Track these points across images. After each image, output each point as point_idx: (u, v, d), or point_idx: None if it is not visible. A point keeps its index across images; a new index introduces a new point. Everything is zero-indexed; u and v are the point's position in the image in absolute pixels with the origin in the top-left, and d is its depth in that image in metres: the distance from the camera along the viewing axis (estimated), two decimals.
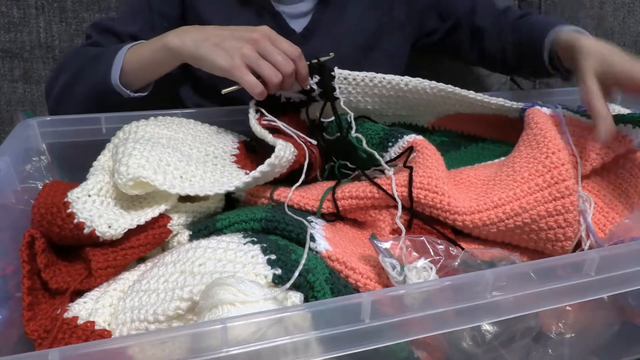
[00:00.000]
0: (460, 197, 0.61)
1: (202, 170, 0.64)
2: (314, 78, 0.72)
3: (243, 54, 0.66)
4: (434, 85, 0.73)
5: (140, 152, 0.60)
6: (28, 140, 0.72)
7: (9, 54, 1.03)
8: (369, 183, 0.63)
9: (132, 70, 0.76)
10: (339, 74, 0.73)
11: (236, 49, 0.67)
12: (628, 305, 0.56)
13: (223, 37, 0.69)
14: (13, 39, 1.03)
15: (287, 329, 0.40)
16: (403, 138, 0.69)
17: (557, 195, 0.58)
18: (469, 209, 0.60)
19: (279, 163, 0.62)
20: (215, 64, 0.67)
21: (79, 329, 0.49)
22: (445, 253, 0.53)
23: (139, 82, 0.78)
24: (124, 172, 0.58)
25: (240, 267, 0.51)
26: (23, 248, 0.54)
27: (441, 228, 0.61)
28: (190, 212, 0.63)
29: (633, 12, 1.21)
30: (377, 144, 0.71)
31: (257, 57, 0.67)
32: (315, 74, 0.72)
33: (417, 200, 0.61)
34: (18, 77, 1.05)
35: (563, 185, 0.58)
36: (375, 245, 0.53)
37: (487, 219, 0.59)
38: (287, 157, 0.63)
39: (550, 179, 0.58)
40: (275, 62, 0.67)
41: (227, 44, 0.68)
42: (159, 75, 0.78)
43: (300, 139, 0.69)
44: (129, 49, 0.77)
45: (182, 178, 0.61)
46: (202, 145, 0.70)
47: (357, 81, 0.74)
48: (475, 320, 0.46)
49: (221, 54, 0.67)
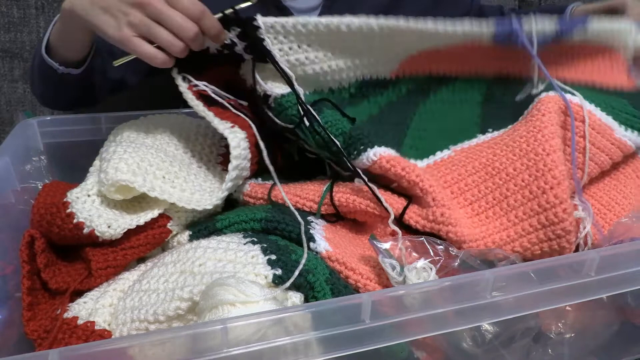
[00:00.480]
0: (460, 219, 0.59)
1: (186, 172, 0.63)
2: (233, 31, 0.61)
3: (130, 21, 0.58)
4: (382, 23, 0.62)
5: (119, 155, 0.59)
6: (28, 140, 0.72)
7: (9, 54, 1.03)
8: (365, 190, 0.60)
9: (54, 40, 0.71)
10: (263, 23, 0.60)
11: (123, 16, 0.58)
12: (628, 305, 0.56)
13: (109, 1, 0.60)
14: (13, 39, 1.03)
15: (288, 330, 0.40)
16: (367, 152, 0.60)
17: (551, 236, 0.56)
18: (467, 236, 0.58)
19: (243, 163, 0.60)
20: (107, 34, 0.60)
21: (79, 329, 0.49)
22: (445, 253, 0.53)
23: (63, 53, 0.72)
24: (103, 179, 0.57)
25: (240, 267, 0.51)
26: (23, 248, 0.54)
27: None
28: (190, 212, 0.63)
29: None
30: (340, 143, 0.61)
31: (147, 24, 0.58)
32: (235, 26, 0.60)
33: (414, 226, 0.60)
34: (18, 77, 1.05)
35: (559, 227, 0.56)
36: (375, 245, 0.53)
37: (483, 245, 0.58)
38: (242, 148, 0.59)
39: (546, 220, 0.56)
40: (171, 26, 0.58)
41: (114, 9, 0.59)
42: (77, 46, 0.72)
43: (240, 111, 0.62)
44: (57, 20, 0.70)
45: (165, 179, 0.60)
46: (188, 143, 0.69)
47: (287, 30, 0.61)
48: (475, 320, 0.46)
49: (110, 22, 0.59)
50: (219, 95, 0.64)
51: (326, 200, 0.63)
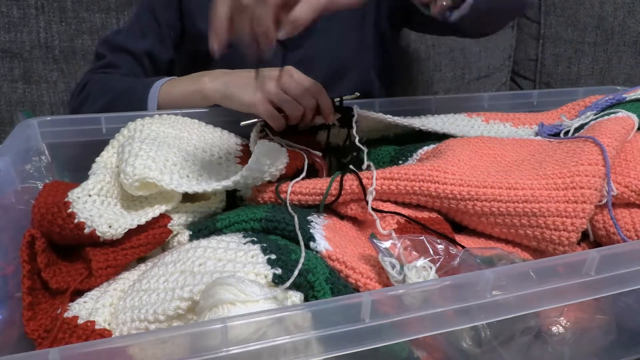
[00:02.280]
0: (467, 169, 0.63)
1: (208, 170, 0.65)
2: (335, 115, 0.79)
3: (265, 89, 0.72)
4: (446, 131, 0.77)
5: (146, 152, 0.60)
6: (28, 140, 0.72)
7: (9, 54, 1.03)
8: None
9: (164, 108, 0.80)
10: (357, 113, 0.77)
11: (260, 86, 0.73)
12: (628, 305, 0.56)
13: (250, 78, 0.74)
14: (13, 39, 1.03)
15: (287, 329, 0.40)
16: (417, 152, 0.73)
17: (571, 198, 0.58)
18: (481, 182, 0.60)
19: (258, 167, 0.63)
20: (241, 100, 0.73)
21: (79, 329, 0.49)
22: (445, 252, 0.53)
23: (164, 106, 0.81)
24: (130, 173, 0.58)
25: (240, 266, 0.51)
26: (23, 248, 0.54)
27: (440, 228, 0.61)
28: (190, 212, 0.63)
29: (633, 12, 1.21)
30: (387, 162, 0.75)
31: (278, 92, 0.72)
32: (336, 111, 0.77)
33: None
34: (18, 77, 1.05)
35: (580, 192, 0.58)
36: (375, 244, 0.53)
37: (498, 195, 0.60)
38: (269, 162, 0.64)
39: (570, 183, 0.59)
40: (295, 96, 0.72)
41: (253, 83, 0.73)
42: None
43: (300, 149, 0.73)
44: (161, 87, 0.80)
45: (189, 177, 0.62)
46: (206, 145, 0.71)
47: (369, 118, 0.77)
48: (475, 319, 0.46)
49: (247, 91, 0.73)
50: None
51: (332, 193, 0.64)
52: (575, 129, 0.75)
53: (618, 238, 0.60)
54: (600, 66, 1.26)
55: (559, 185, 0.59)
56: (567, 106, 0.87)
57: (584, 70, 1.28)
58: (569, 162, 0.61)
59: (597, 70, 1.27)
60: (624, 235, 0.60)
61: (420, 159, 0.73)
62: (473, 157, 0.67)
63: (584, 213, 0.57)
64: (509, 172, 0.63)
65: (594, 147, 0.63)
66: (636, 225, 0.61)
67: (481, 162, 0.66)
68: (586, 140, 0.65)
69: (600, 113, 0.76)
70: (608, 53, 1.24)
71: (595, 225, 0.63)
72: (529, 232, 0.59)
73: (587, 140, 0.65)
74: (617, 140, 0.65)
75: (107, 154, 0.68)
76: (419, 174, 0.62)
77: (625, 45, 1.22)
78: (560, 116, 0.83)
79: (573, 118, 0.81)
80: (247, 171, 0.61)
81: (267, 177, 0.65)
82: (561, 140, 0.70)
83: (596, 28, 1.23)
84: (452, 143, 0.71)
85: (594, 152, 0.62)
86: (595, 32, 1.23)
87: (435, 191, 0.61)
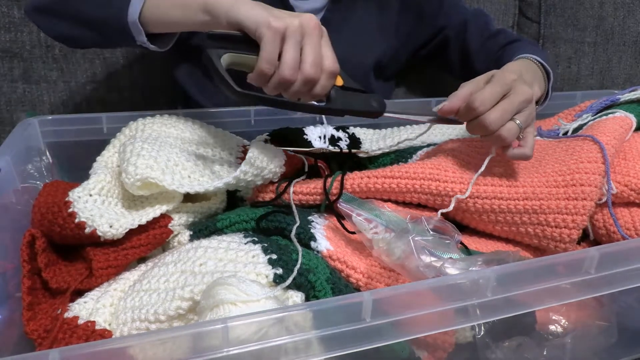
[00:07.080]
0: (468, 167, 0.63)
1: (210, 170, 0.65)
2: (345, 140, 0.80)
3: (287, 23, 0.56)
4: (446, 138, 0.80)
5: (148, 152, 0.60)
6: (29, 139, 0.72)
7: (9, 53, 1.03)
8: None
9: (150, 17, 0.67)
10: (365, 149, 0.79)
11: (282, 17, 0.57)
12: (628, 303, 0.56)
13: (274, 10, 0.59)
14: (13, 39, 1.02)
15: (288, 329, 0.40)
16: (417, 153, 0.73)
17: (572, 195, 0.58)
18: (481, 179, 0.61)
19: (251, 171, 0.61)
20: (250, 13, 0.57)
21: (79, 329, 0.49)
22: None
23: (158, 27, 0.68)
24: (132, 172, 0.58)
25: (241, 266, 0.51)
26: (23, 247, 0.54)
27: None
28: (191, 212, 0.63)
29: (633, 12, 1.21)
30: (387, 164, 0.74)
31: (295, 38, 0.56)
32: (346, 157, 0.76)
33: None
34: (18, 76, 1.05)
35: (580, 189, 0.58)
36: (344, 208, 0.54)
37: (499, 192, 0.60)
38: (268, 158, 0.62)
39: (570, 180, 0.59)
40: (305, 58, 0.57)
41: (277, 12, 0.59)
42: (181, 29, 0.68)
43: (301, 154, 0.71)
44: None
45: (190, 178, 0.62)
46: (208, 146, 0.71)
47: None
48: (476, 318, 0.46)
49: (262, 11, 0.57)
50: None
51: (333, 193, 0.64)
52: (573, 130, 0.75)
53: (618, 237, 0.60)
54: (600, 66, 1.26)
55: (559, 182, 0.59)
56: (564, 112, 0.87)
57: (583, 70, 1.28)
58: (568, 160, 0.61)
59: (597, 70, 1.27)
60: (624, 233, 0.60)
61: (420, 159, 0.73)
62: (474, 155, 0.67)
63: (585, 210, 0.57)
64: (510, 170, 0.63)
65: (593, 145, 0.63)
66: (636, 224, 0.61)
67: (482, 160, 0.66)
68: (585, 139, 0.65)
69: (598, 114, 0.76)
70: (608, 53, 1.24)
71: (595, 224, 0.63)
72: (530, 230, 0.59)
73: (586, 139, 0.65)
74: (616, 138, 0.65)
75: (108, 153, 0.68)
76: (419, 172, 0.62)
77: (625, 45, 1.22)
78: (558, 120, 0.83)
79: (570, 122, 0.81)
80: (246, 165, 0.61)
81: (268, 174, 0.64)
82: (560, 139, 0.70)
83: (596, 28, 1.23)
84: (452, 142, 0.71)
85: (593, 150, 0.62)
86: (595, 32, 1.23)
87: (436, 189, 0.61)
